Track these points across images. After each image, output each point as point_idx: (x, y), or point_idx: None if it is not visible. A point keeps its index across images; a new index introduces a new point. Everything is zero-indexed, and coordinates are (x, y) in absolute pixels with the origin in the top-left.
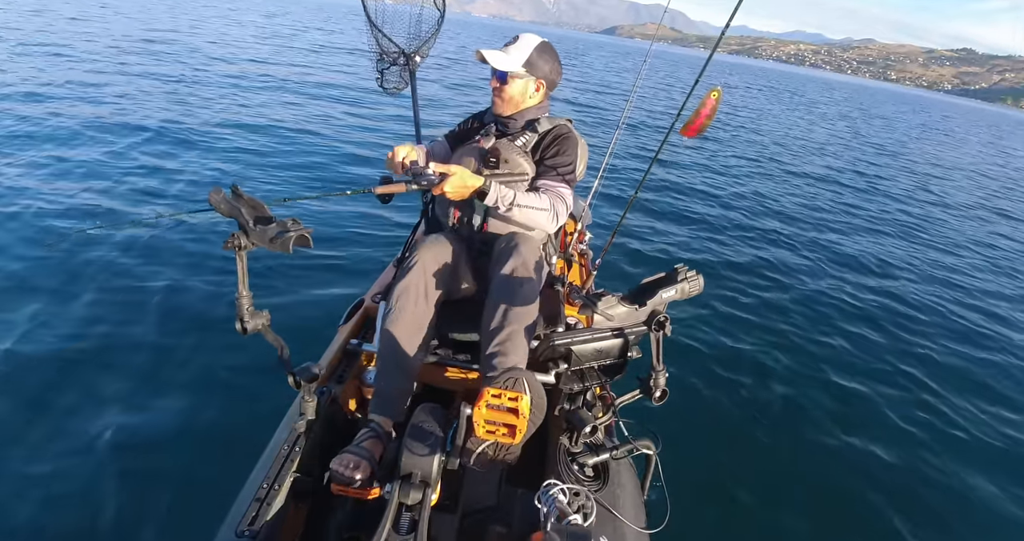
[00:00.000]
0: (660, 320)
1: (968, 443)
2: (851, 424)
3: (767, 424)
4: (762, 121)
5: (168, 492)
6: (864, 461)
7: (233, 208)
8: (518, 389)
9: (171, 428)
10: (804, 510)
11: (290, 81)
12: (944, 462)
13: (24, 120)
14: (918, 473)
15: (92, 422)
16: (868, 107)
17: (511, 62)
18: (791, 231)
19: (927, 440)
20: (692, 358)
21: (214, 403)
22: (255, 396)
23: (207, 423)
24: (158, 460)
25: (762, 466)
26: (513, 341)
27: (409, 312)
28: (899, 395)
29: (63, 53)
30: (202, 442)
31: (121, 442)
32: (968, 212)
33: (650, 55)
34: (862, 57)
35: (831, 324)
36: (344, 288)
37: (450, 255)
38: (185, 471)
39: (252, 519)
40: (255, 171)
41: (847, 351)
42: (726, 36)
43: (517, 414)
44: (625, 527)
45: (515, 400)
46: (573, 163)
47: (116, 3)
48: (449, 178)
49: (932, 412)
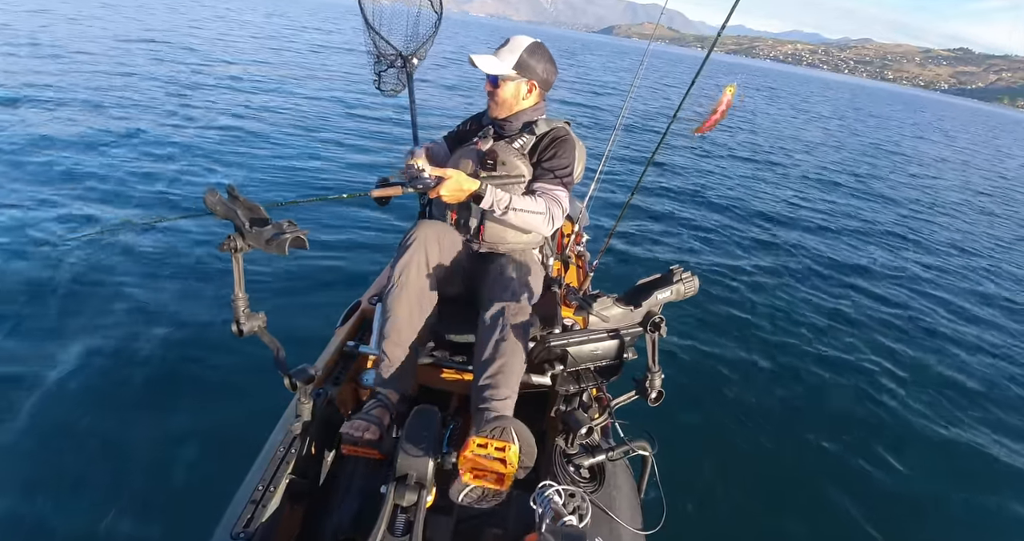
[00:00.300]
0: (656, 321)
1: (976, 451)
2: (849, 425)
3: (763, 425)
4: (758, 121)
5: (163, 494)
6: (862, 463)
7: (229, 210)
8: (505, 438)
9: (166, 430)
10: (800, 511)
11: (287, 82)
12: (949, 464)
13: (23, 123)
14: (918, 476)
15: (87, 422)
16: (864, 106)
17: (501, 66)
18: (787, 232)
19: (927, 442)
20: (688, 359)
21: (210, 405)
22: (251, 398)
23: (202, 425)
24: (153, 462)
25: (758, 467)
26: (505, 374)
27: (413, 285)
28: (900, 397)
29: (60, 54)
30: (197, 444)
31: (116, 444)
32: (974, 213)
33: (647, 56)
34: (859, 57)
35: (827, 325)
36: (341, 290)
37: (448, 233)
38: (180, 473)
39: (247, 521)
40: (250, 174)
41: (845, 352)
42: (723, 36)
43: (504, 463)
44: (621, 528)
45: (502, 450)
46: (570, 166)
47: (115, 2)
48: (445, 181)
49: (934, 413)
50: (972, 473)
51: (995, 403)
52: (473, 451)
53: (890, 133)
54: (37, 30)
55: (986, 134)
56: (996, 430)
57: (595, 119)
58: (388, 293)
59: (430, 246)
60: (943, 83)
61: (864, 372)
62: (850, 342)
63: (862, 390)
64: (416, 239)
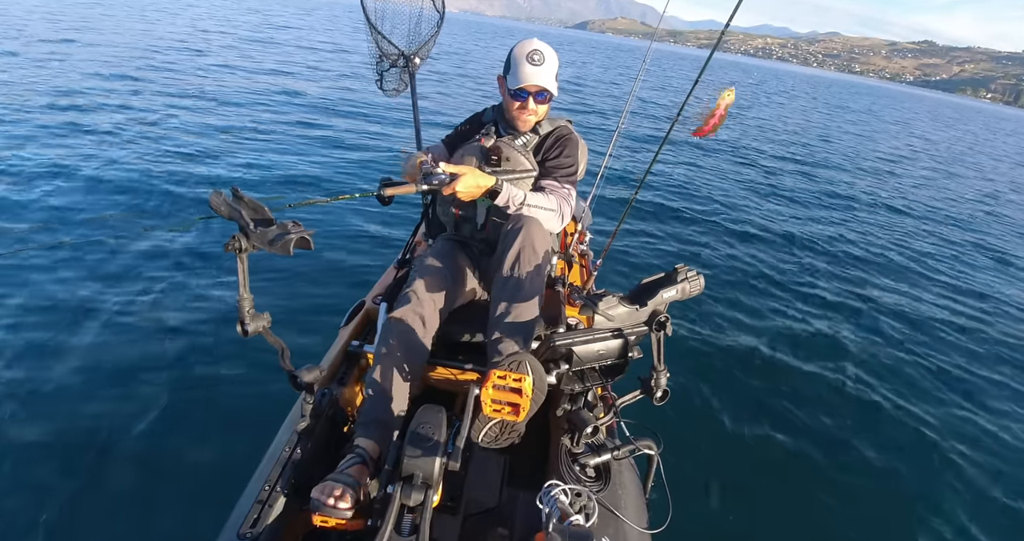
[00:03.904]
0: (661, 320)
1: (995, 450)
2: (859, 425)
3: (769, 424)
4: (758, 121)
5: (170, 495)
6: (874, 464)
7: (233, 210)
8: (522, 371)
9: (171, 430)
10: (808, 511)
11: (286, 84)
12: (960, 466)
13: (21, 126)
14: (930, 475)
15: (92, 424)
16: (844, 102)
17: (554, 84)
18: (795, 229)
19: (940, 441)
20: (694, 358)
21: (215, 405)
22: (256, 398)
23: (208, 425)
24: (159, 463)
25: (765, 466)
26: (517, 326)
27: (404, 343)
28: (913, 396)
29: (58, 56)
30: (203, 444)
31: (121, 444)
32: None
33: (648, 56)
34: (827, 50)
35: (835, 322)
36: (345, 290)
37: (448, 270)
38: (186, 474)
39: (254, 521)
40: (253, 173)
41: (852, 349)
42: (696, 30)
43: (521, 394)
44: (627, 527)
45: (519, 381)
46: (575, 165)
47: (112, 2)
48: (461, 178)
49: (945, 409)
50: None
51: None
52: (494, 383)
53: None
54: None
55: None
56: None
57: (592, 119)
58: (378, 345)
59: (425, 302)
60: (908, 75)
61: (881, 370)
62: (862, 338)
63: (880, 388)
64: (412, 294)
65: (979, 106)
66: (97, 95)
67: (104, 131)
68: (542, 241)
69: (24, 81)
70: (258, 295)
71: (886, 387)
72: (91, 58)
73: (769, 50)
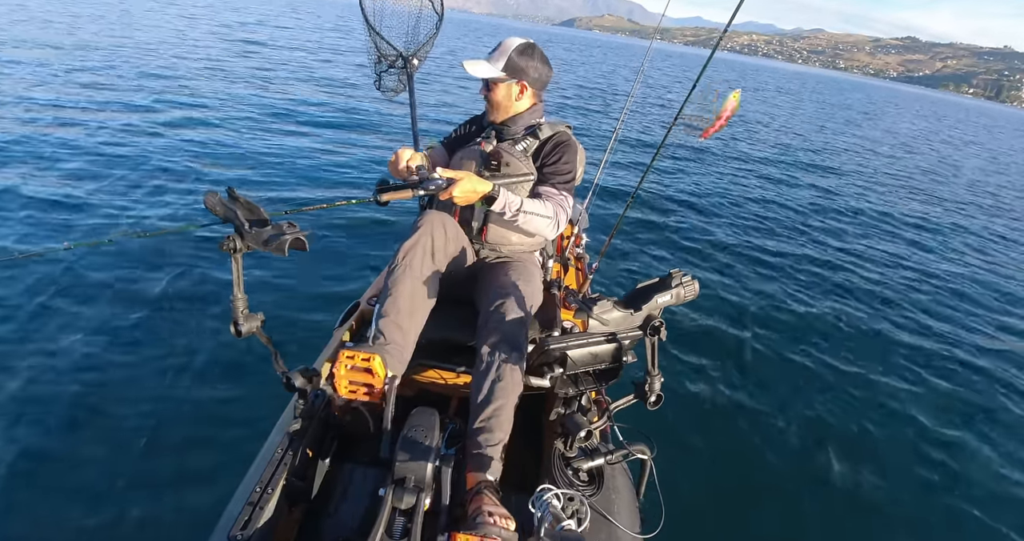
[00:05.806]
0: (655, 325)
1: (988, 459)
2: (850, 429)
3: (763, 429)
4: (757, 121)
5: (160, 496)
6: (864, 468)
7: (229, 210)
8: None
9: (164, 431)
10: (801, 515)
11: (285, 83)
12: (956, 468)
13: (21, 128)
14: (923, 482)
15: (81, 424)
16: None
17: (492, 69)
18: (789, 235)
19: (933, 449)
20: (688, 363)
21: (207, 406)
22: (249, 398)
23: (199, 426)
24: (150, 464)
25: (757, 471)
26: (506, 329)
27: (416, 267)
28: (902, 402)
29: (57, 56)
30: (194, 445)
31: (112, 445)
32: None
33: (648, 57)
34: (812, 47)
35: (829, 329)
36: (340, 290)
37: (455, 226)
38: (177, 475)
39: (245, 523)
40: (250, 175)
41: (846, 356)
42: (682, 27)
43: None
44: (620, 532)
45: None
46: (573, 171)
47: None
48: (458, 183)
49: (939, 418)
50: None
51: None
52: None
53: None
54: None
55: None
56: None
57: (591, 120)
58: (391, 273)
59: (436, 232)
60: (892, 71)
61: (874, 375)
62: (858, 345)
63: (870, 394)
64: (423, 224)
65: (963, 102)
66: (93, 94)
67: (103, 131)
68: (535, 246)
69: (23, 82)
70: (252, 296)
71: (882, 393)
72: (90, 57)
73: (754, 47)
